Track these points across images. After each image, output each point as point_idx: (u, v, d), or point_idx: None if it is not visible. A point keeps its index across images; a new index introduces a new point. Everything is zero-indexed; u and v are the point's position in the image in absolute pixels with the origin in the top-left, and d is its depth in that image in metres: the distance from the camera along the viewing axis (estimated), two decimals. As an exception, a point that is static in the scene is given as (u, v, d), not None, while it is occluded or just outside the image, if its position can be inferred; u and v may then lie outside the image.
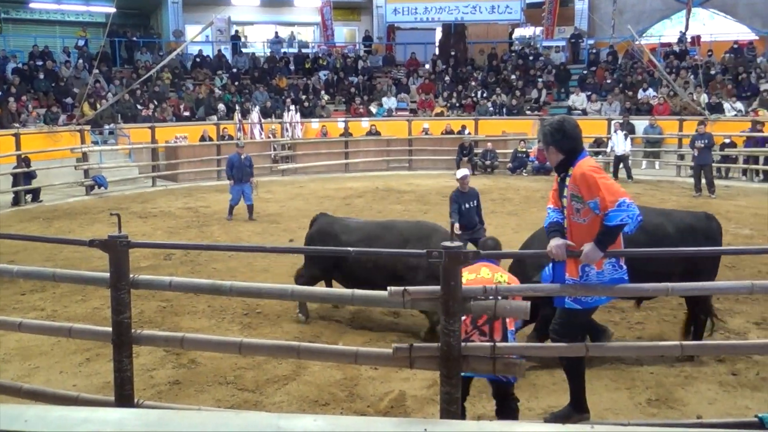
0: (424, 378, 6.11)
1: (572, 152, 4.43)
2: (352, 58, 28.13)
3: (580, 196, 4.33)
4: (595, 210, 4.27)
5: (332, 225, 8.17)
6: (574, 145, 4.45)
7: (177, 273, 9.70)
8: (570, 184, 4.41)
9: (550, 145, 4.50)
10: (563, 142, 4.45)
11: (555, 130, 4.45)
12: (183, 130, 21.34)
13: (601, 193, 4.22)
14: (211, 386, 6.20)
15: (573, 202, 4.41)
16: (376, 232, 7.84)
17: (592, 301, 4.48)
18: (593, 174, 4.30)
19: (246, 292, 5.10)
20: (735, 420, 4.86)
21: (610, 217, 4.20)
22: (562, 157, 4.45)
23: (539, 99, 24.77)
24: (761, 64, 23.88)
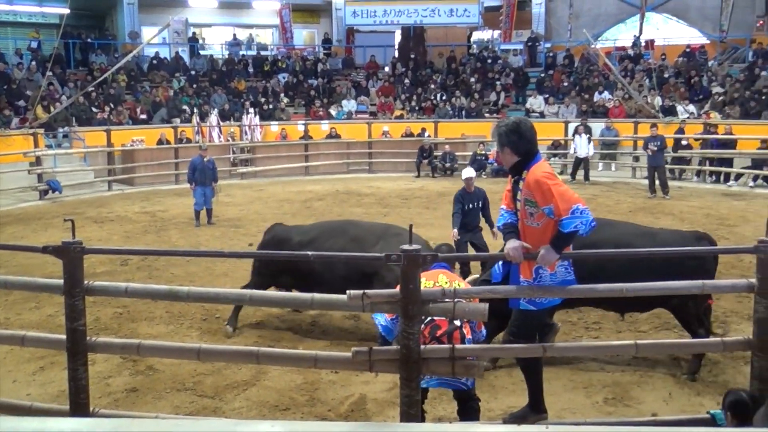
0: (385, 381, 6.11)
1: (527, 154, 4.46)
2: (311, 60, 28.05)
3: (534, 201, 4.37)
4: (549, 215, 4.32)
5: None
6: (530, 147, 4.47)
7: (134, 279, 9.57)
8: (524, 189, 4.44)
9: (506, 147, 4.50)
10: (519, 144, 4.46)
11: (511, 131, 4.46)
12: (140, 133, 21.02)
13: (555, 201, 4.26)
14: (169, 393, 6.13)
15: (527, 206, 4.44)
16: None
17: (546, 302, 4.53)
18: (547, 181, 4.34)
19: (204, 297, 5.06)
20: (689, 417, 4.97)
21: (564, 224, 4.26)
22: (517, 158, 4.47)
23: (498, 102, 24.99)
24: (712, 68, 24.46)
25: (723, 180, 18.57)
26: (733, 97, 21.64)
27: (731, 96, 21.76)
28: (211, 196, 14.07)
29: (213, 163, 14.41)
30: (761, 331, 4.40)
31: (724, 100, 21.78)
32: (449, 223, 13.42)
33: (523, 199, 4.44)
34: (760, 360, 4.41)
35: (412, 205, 15.99)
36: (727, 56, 25.81)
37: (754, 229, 12.26)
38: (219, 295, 4.98)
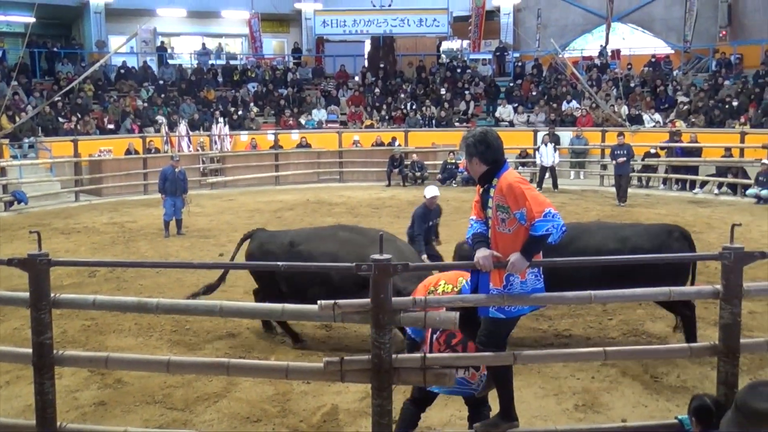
0: (357, 391, 6.10)
1: (496, 163, 4.49)
2: (281, 70, 28.01)
3: (506, 207, 4.39)
4: (521, 221, 4.33)
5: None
6: (498, 156, 4.50)
7: (102, 291, 9.45)
8: (495, 194, 4.46)
9: (474, 157, 4.52)
10: (487, 154, 4.48)
11: (478, 142, 4.49)
12: (107, 143, 20.81)
13: (528, 204, 4.29)
14: (138, 406, 6.05)
15: (498, 212, 4.44)
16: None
17: (515, 311, 4.55)
18: (520, 185, 4.38)
19: (173, 309, 5.02)
20: (657, 423, 5.02)
21: (536, 227, 4.28)
22: (485, 168, 4.50)
23: (467, 111, 25.16)
24: (677, 77, 24.90)
25: (689, 188, 18.89)
26: (697, 106, 22.04)
27: (696, 105, 22.16)
28: (181, 206, 13.95)
29: (184, 173, 14.32)
30: (727, 337, 4.47)
31: (689, 109, 22.18)
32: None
33: (495, 205, 4.45)
34: (725, 365, 4.48)
35: (382, 214, 16.01)
36: (691, 66, 26.31)
37: (719, 235, 12.48)
38: (189, 307, 4.93)
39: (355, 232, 7.98)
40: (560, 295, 4.69)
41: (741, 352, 4.52)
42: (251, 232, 8.32)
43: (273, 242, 7.89)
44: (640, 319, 8.10)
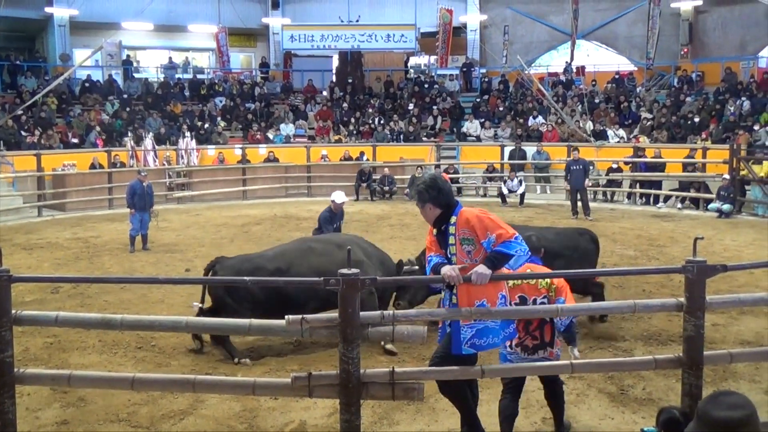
0: (325, 406, 6.06)
1: (448, 206, 4.56)
2: (248, 84, 27.94)
3: (471, 238, 4.45)
4: (488, 248, 4.40)
5: None
6: (449, 199, 4.58)
7: (65, 307, 9.27)
8: (458, 230, 4.51)
9: (427, 203, 4.57)
10: (440, 198, 4.55)
11: (429, 187, 4.55)
12: (71, 157, 20.51)
13: (500, 230, 4.39)
14: (102, 425, 5.94)
15: (464, 245, 4.50)
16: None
17: (486, 345, 4.63)
18: (486, 215, 4.51)
19: (138, 325, 4.96)
20: (623, 434, 5.07)
21: (508, 246, 4.35)
22: (439, 211, 4.56)
23: (435, 126, 25.31)
24: (640, 94, 25.35)
25: (653, 202, 19.18)
26: (660, 122, 22.43)
27: (659, 121, 22.56)
28: (148, 221, 13.81)
29: (151, 188, 14.19)
30: (690, 349, 4.54)
31: (652, 124, 22.56)
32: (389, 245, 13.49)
33: (459, 239, 4.49)
34: (690, 377, 4.54)
35: (351, 228, 15.95)
36: (653, 83, 26.83)
37: (682, 249, 12.68)
38: (154, 323, 4.88)
39: (322, 242, 8.05)
40: (529, 308, 4.73)
41: (704, 364, 4.59)
42: (212, 263, 7.92)
43: (241, 271, 7.56)
44: (606, 332, 8.18)
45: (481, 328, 4.56)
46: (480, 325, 4.54)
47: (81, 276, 11.14)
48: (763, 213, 17.11)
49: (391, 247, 13.57)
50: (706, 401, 2.85)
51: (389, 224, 16.38)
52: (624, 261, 12.13)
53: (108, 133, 22.40)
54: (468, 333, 4.59)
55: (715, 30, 27.23)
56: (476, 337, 4.58)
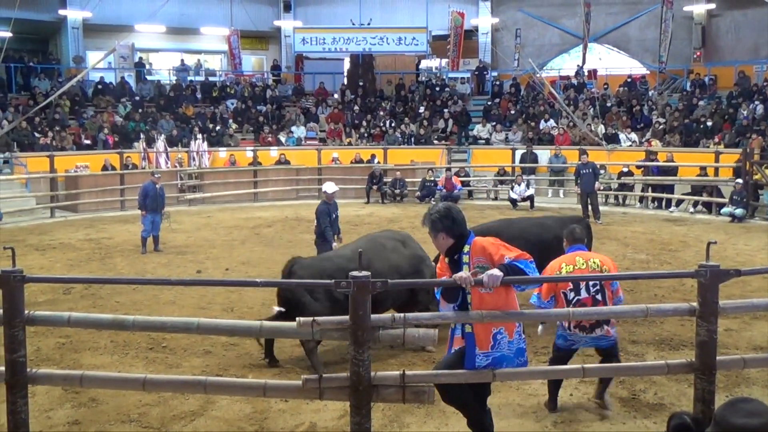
0: (335, 408, 6.06)
1: (461, 237, 4.58)
2: (260, 87, 28.02)
3: (486, 266, 4.45)
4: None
5: None
6: (462, 230, 4.60)
7: (77, 308, 9.32)
8: (473, 258, 4.54)
9: (440, 232, 4.58)
10: (453, 228, 4.57)
11: (443, 217, 4.57)
12: (84, 159, 20.64)
13: (518, 252, 4.49)
14: (113, 425, 5.96)
15: (476, 269, 4.52)
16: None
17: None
18: (499, 242, 4.61)
19: (149, 326, 4.97)
20: (635, 439, 5.04)
21: (525, 264, 4.44)
22: (452, 242, 4.58)
23: (446, 129, 25.29)
24: (653, 97, 25.24)
25: (665, 206, 19.08)
26: (672, 126, 22.33)
27: (671, 124, 22.45)
28: (159, 222, 13.85)
29: (163, 190, 14.25)
30: (703, 354, 4.51)
31: (664, 128, 22.46)
32: (399, 249, 13.42)
33: (475, 268, 4.51)
34: (702, 382, 4.51)
35: (362, 231, 15.96)
36: (666, 86, 26.71)
37: (695, 253, 12.61)
38: (165, 324, 4.89)
39: (388, 239, 8.08)
40: (540, 312, 4.71)
41: (717, 369, 4.56)
42: (289, 263, 7.53)
43: (323, 270, 7.30)
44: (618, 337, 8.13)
45: (497, 356, 4.54)
46: (497, 354, 4.52)
47: (93, 277, 11.18)
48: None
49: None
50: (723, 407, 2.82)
51: (400, 227, 16.33)
52: (636, 265, 12.07)
53: (121, 135, 22.51)
54: (483, 362, 4.56)
55: (728, 33, 27.08)
56: (491, 365, 4.56)
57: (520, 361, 4.72)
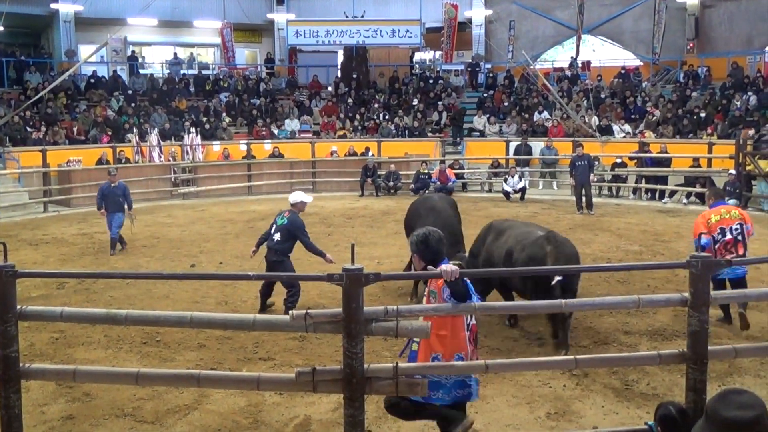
0: (330, 401, 6.08)
1: (432, 262, 4.71)
2: (253, 80, 27.94)
3: (435, 291, 4.69)
4: (448, 300, 4.54)
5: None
6: (435, 257, 4.75)
7: (71, 302, 9.31)
8: (429, 283, 4.85)
9: (415, 254, 4.90)
10: (425, 253, 4.78)
11: (419, 242, 4.81)
12: (77, 153, 20.57)
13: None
14: (107, 420, 5.97)
15: (431, 298, 4.76)
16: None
17: (435, 399, 4.68)
18: None
19: (143, 320, 4.96)
20: (627, 429, 5.07)
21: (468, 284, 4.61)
22: (423, 264, 4.79)
23: (440, 121, 25.28)
24: (646, 89, 25.25)
25: (658, 197, 19.12)
26: (666, 117, 22.36)
27: (665, 116, 22.48)
28: (120, 224, 13.03)
29: (123, 188, 13.35)
30: (695, 344, 4.52)
31: (657, 119, 22.49)
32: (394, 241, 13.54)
33: (428, 291, 4.83)
34: (694, 372, 4.53)
35: (356, 224, 16.01)
36: (659, 78, 26.73)
37: (687, 244, 12.61)
38: (159, 318, 4.88)
39: (516, 226, 8.59)
40: (532, 304, 4.72)
41: (709, 359, 4.58)
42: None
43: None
44: (610, 328, 8.17)
45: (433, 381, 4.60)
46: (433, 378, 4.60)
47: (86, 271, 11.18)
48: (770, 208, 17.07)
49: (395, 243, 13.59)
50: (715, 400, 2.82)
51: (394, 219, 16.36)
52: (629, 256, 12.11)
53: (113, 129, 22.44)
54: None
55: (721, 25, 27.09)
56: (429, 389, 4.57)
57: (458, 393, 4.69)
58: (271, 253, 8.89)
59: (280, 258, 8.85)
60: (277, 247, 8.86)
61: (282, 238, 8.87)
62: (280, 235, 8.88)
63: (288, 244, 8.93)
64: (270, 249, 8.92)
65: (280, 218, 9.12)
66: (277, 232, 8.91)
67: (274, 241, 8.88)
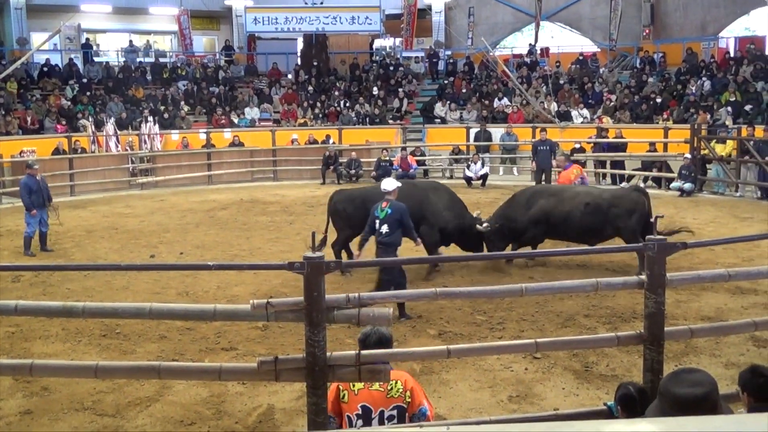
0: (293, 390, 6.07)
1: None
2: (212, 68, 27.57)
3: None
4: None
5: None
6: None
7: (27, 296, 9.14)
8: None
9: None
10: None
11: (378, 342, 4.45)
12: (31, 143, 20.11)
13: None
14: (66, 414, 5.88)
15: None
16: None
17: None
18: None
19: (101, 312, 4.89)
20: (587, 410, 5.15)
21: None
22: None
23: (401, 108, 25.26)
24: (603, 75, 25.55)
25: (618, 181, 19.39)
26: (623, 103, 22.66)
27: (621, 101, 22.78)
28: (47, 218, 12.56)
29: (45, 181, 12.95)
30: (651, 325, 4.61)
31: (615, 105, 22.78)
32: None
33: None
34: (651, 352, 4.62)
35: (317, 212, 15.92)
36: (616, 64, 27.03)
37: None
38: (117, 310, 4.81)
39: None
40: (492, 289, 4.76)
41: (665, 340, 4.67)
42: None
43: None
44: (571, 311, 8.29)
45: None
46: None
47: (42, 264, 10.98)
48: (724, 191, 17.43)
49: (358, 230, 13.58)
50: (668, 378, 2.90)
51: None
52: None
53: (68, 119, 21.97)
54: None
55: (676, 11, 27.49)
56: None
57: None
58: (381, 249, 8.45)
59: (393, 252, 8.44)
60: (388, 240, 8.42)
61: (391, 229, 8.41)
62: (388, 226, 8.40)
63: (397, 233, 8.49)
64: (381, 244, 8.47)
65: (379, 211, 8.51)
66: (384, 224, 8.42)
67: (383, 234, 8.42)
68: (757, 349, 6.96)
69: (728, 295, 8.82)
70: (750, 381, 3.51)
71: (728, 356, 6.81)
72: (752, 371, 3.55)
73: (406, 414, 4.09)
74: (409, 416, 4.10)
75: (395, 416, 4.08)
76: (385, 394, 4.13)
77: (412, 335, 7.63)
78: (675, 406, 2.74)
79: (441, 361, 6.49)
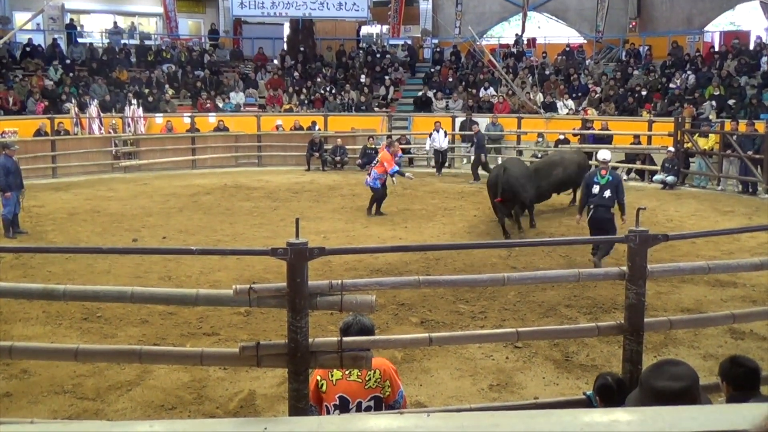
0: (275, 376, 6.08)
1: None
2: (197, 51, 27.35)
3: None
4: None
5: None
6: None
7: (7, 278, 9.06)
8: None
9: None
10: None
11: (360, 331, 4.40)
12: (13, 124, 19.88)
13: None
14: (46, 396, 5.86)
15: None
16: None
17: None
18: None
19: (81, 295, 4.85)
20: (567, 399, 5.19)
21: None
22: None
23: (387, 96, 25.21)
24: (589, 66, 25.62)
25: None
26: (608, 95, 22.74)
27: (607, 93, 22.87)
28: (20, 201, 12.39)
29: (17, 163, 12.65)
30: (632, 316, 4.65)
31: (600, 97, 22.86)
32: (340, 216, 13.54)
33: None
34: (631, 343, 4.65)
35: (302, 198, 15.93)
36: (602, 55, 27.12)
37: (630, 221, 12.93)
38: (99, 293, 4.77)
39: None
40: (474, 277, 4.78)
41: (645, 331, 4.71)
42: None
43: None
44: (552, 301, 8.35)
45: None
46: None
47: (23, 246, 10.90)
48: (706, 185, 17.58)
49: (341, 217, 13.60)
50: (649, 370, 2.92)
51: (341, 194, 16.36)
52: (571, 231, 12.33)
53: (51, 100, 21.74)
54: None
55: (663, 4, 27.58)
56: None
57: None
58: (603, 210, 9.74)
59: (611, 214, 9.78)
60: (610, 203, 9.77)
61: (612, 194, 9.74)
62: (609, 191, 9.73)
63: (614, 198, 9.80)
64: (601, 207, 9.76)
65: (599, 177, 9.85)
66: (606, 189, 9.73)
67: (606, 198, 9.73)
68: (734, 341, 7.04)
69: (708, 287, 8.92)
70: (730, 371, 3.58)
71: (707, 348, 6.89)
72: (732, 361, 3.62)
73: (383, 404, 4.14)
74: (386, 406, 4.14)
75: (372, 407, 4.13)
76: (363, 384, 4.17)
77: (394, 323, 7.66)
78: (654, 397, 2.76)
79: (423, 349, 6.52)
